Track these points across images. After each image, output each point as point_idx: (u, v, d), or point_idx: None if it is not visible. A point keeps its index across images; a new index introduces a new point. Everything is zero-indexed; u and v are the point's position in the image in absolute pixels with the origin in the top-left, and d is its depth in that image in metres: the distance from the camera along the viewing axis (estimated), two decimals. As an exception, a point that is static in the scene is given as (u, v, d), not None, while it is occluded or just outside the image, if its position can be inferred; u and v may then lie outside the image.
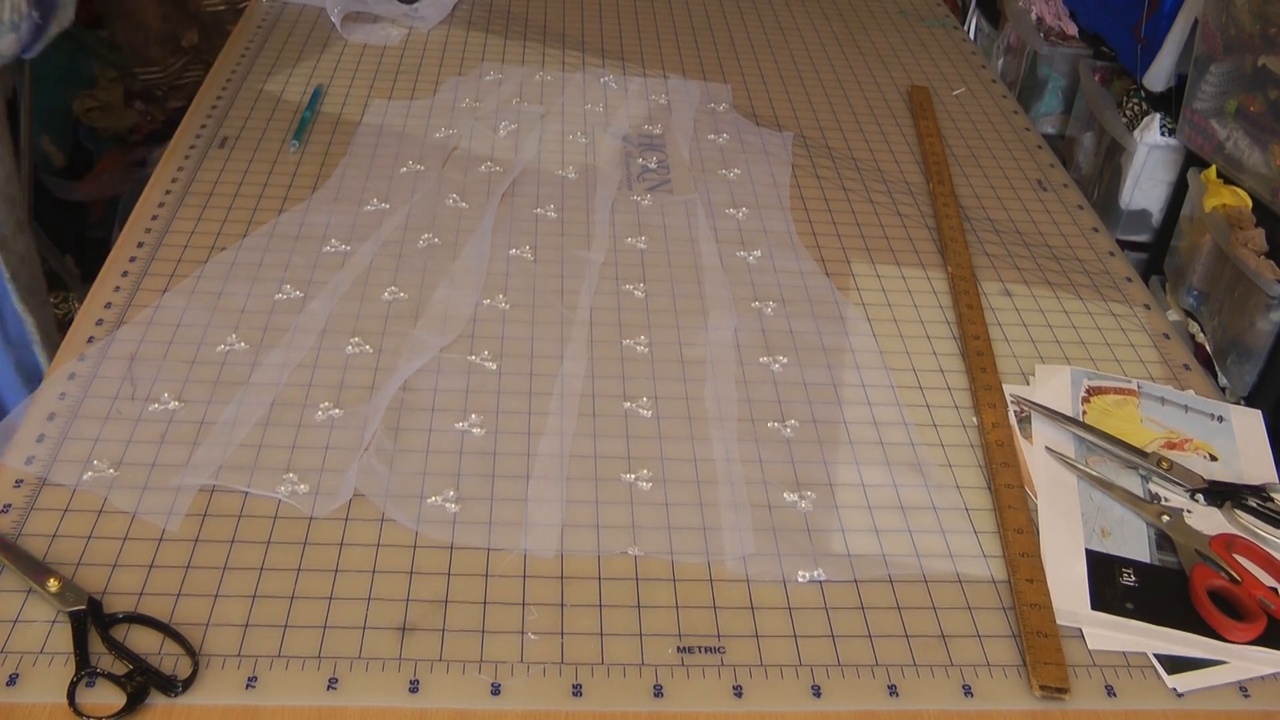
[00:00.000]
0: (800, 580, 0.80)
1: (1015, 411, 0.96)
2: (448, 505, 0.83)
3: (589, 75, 1.45)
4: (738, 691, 0.73)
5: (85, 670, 0.70)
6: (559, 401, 0.93)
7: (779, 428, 0.93)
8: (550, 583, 0.79)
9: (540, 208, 1.18)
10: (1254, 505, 0.88)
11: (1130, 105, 1.65)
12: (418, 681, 0.72)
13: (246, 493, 0.83)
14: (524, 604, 0.77)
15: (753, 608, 0.78)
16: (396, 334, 0.99)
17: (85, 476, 0.83)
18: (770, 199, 1.23)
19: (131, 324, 0.98)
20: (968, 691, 0.74)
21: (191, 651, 0.71)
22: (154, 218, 1.11)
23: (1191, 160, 1.54)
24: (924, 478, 0.89)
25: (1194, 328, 1.47)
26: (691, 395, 0.95)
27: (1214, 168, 1.46)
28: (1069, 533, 0.85)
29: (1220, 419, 0.97)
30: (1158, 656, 0.77)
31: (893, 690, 0.74)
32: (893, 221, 1.21)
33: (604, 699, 0.72)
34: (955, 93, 1.49)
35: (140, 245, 1.07)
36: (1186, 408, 0.98)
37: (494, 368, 0.96)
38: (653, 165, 1.27)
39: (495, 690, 0.71)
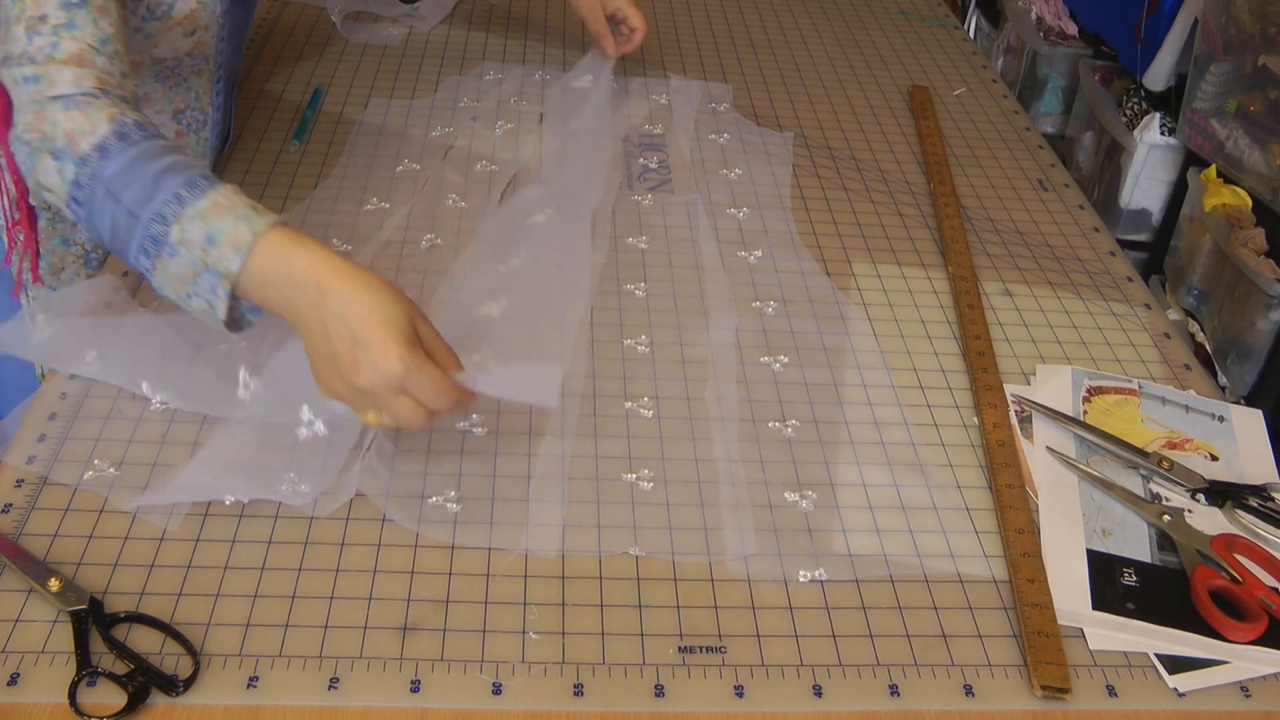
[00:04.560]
0: (801, 580, 0.80)
1: (1016, 411, 0.96)
2: (448, 505, 0.83)
3: (589, 75, 1.44)
4: (739, 691, 0.73)
5: (86, 670, 0.70)
6: (560, 401, 0.93)
7: (780, 428, 0.93)
8: (551, 582, 0.79)
9: (540, 207, 1.17)
10: (1255, 505, 0.88)
11: (1130, 105, 1.65)
12: (419, 681, 0.72)
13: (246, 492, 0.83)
14: (525, 604, 0.77)
15: (754, 608, 0.78)
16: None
17: (86, 476, 0.83)
18: (771, 199, 1.23)
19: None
20: (969, 691, 0.74)
21: (192, 651, 0.71)
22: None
23: (1191, 160, 1.54)
24: (925, 478, 0.89)
25: (1194, 327, 1.47)
26: (692, 395, 0.95)
27: (1214, 167, 1.46)
28: (1070, 533, 0.85)
29: (1221, 419, 0.97)
30: (1159, 656, 0.77)
31: (894, 690, 0.74)
32: (893, 221, 1.21)
33: (605, 699, 0.72)
34: (956, 93, 1.49)
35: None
36: (1187, 407, 0.98)
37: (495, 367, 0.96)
38: (653, 165, 1.27)
39: (496, 690, 0.71)
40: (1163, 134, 1.57)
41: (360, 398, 0.78)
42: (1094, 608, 0.79)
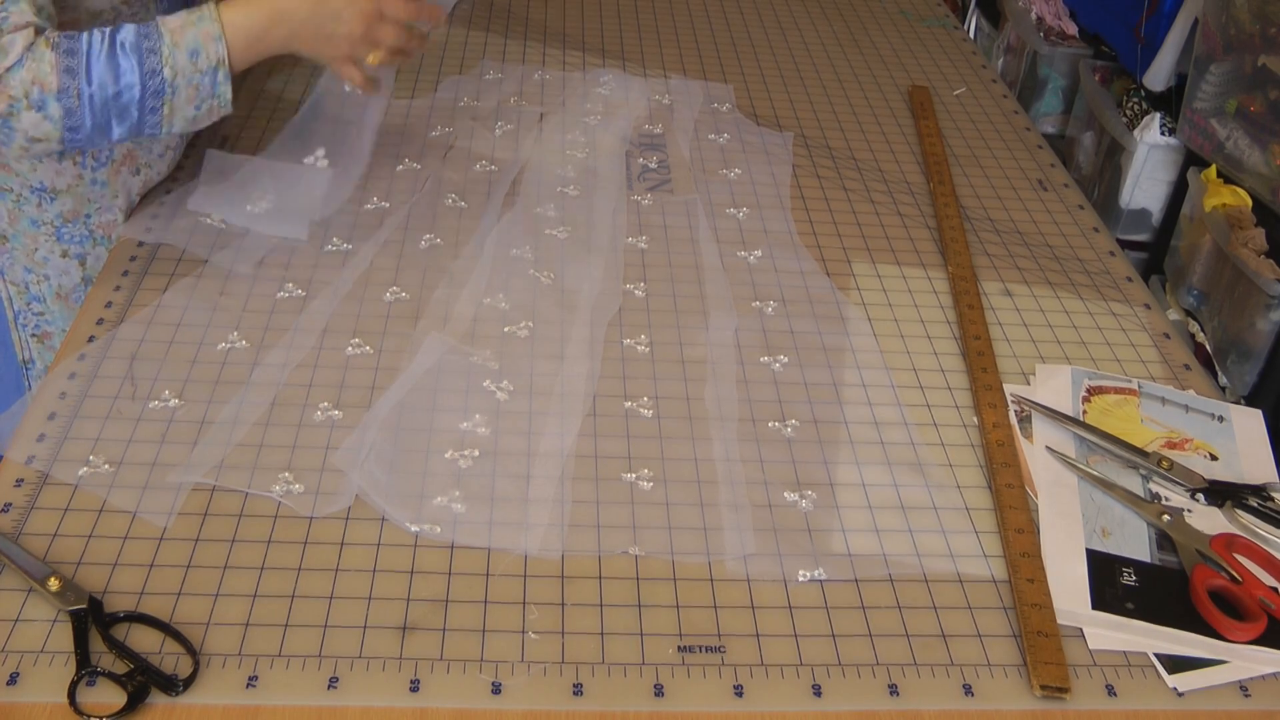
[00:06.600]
0: (801, 580, 0.80)
1: (1016, 411, 0.96)
2: (451, 505, 0.83)
3: (589, 75, 1.44)
4: (738, 691, 0.73)
5: (86, 669, 0.70)
6: (560, 401, 0.93)
7: (779, 427, 0.93)
8: (551, 582, 0.79)
9: (540, 207, 1.18)
10: (1254, 505, 0.88)
11: (1130, 105, 1.65)
12: (418, 681, 0.72)
13: (246, 493, 0.83)
14: (524, 603, 0.77)
15: (753, 607, 0.78)
16: (397, 334, 0.99)
17: (85, 475, 0.83)
18: (771, 199, 1.23)
19: (132, 322, 0.98)
20: (968, 691, 0.74)
21: (192, 651, 0.71)
22: (154, 216, 1.11)
23: (1191, 160, 1.54)
24: (924, 477, 0.89)
25: (1194, 327, 1.47)
26: (692, 395, 0.95)
27: (1214, 167, 1.46)
28: (1069, 532, 0.85)
29: (1221, 419, 0.97)
30: (1158, 656, 0.77)
31: (893, 690, 0.74)
32: (893, 221, 1.21)
33: (604, 698, 0.72)
34: (955, 93, 1.49)
35: (140, 244, 1.07)
36: (1187, 407, 0.98)
37: (496, 367, 0.96)
38: (653, 165, 1.27)
39: (496, 689, 0.71)
40: (1163, 134, 1.57)
41: (359, 46, 1.01)
42: (1093, 607, 0.79)
